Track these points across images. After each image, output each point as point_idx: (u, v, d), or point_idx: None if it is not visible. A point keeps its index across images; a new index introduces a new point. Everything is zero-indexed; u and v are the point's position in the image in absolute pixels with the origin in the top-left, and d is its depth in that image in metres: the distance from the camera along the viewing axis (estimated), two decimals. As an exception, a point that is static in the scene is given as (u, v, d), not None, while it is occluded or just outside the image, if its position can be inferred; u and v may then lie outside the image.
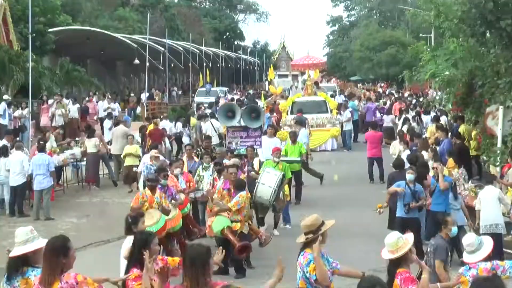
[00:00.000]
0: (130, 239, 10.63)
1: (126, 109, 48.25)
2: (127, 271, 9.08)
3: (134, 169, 24.14)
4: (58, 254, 7.91)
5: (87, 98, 44.90)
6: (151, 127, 30.27)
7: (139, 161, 25.13)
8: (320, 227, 9.60)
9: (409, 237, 9.31)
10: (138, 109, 48.25)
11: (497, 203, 17.08)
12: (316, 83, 48.85)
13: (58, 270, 7.83)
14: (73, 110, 39.00)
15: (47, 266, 7.94)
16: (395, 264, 9.01)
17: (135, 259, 8.97)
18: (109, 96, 46.50)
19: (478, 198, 17.38)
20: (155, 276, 8.81)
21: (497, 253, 16.00)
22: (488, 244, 9.49)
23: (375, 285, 6.92)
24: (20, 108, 35.20)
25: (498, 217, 16.97)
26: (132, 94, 55.47)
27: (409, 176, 17.46)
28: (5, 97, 35.24)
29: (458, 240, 13.82)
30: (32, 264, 8.42)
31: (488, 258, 9.62)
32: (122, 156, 26.67)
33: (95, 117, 40.67)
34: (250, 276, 15.45)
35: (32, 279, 8.26)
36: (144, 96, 52.40)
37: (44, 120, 36.26)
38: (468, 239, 9.53)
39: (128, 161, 25.89)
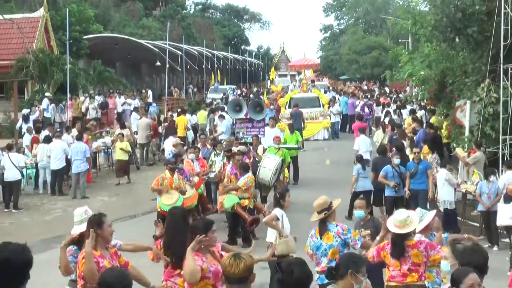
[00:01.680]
0: None
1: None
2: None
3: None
4: (93, 226, 7.85)
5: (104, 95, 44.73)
6: (183, 120, 30.45)
7: (129, 156, 25.50)
8: (331, 205, 9.59)
9: (415, 216, 9.19)
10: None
11: (446, 184, 17.44)
12: (313, 81, 48.72)
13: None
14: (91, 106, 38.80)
15: (86, 236, 7.89)
16: (401, 237, 8.86)
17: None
18: (126, 93, 46.31)
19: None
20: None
21: (450, 225, 16.15)
22: (428, 218, 9.42)
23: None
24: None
25: (445, 195, 17.39)
26: (143, 90, 54.97)
27: (396, 160, 17.63)
28: (47, 94, 35.27)
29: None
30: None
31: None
32: (113, 149, 26.24)
33: (115, 111, 40.53)
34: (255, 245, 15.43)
35: None
36: (150, 93, 52.32)
37: (68, 115, 36.05)
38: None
39: (119, 156, 25.23)
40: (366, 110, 39.69)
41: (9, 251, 5.02)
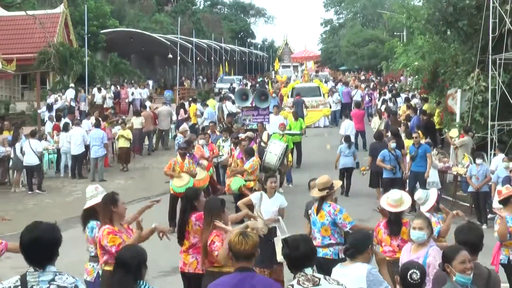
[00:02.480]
0: None
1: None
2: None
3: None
4: (108, 204, 7.89)
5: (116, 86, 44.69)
6: (194, 108, 30.45)
7: (130, 143, 25.37)
8: (333, 185, 9.59)
9: (407, 197, 9.20)
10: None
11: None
12: (317, 71, 48.59)
13: (108, 217, 7.80)
14: (98, 96, 38.80)
15: (101, 213, 7.98)
16: (396, 214, 8.88)
17: (187, 210, 8.76)
18: (141, 83, 46.25)
19: None
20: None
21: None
22: (433, 196, 9.37)
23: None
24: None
25: (431, 176, 17.60)
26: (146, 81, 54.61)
27: (393, 144, 17.65)
28: (72, 85, 35.46)
29: None
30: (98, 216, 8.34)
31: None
32: (116, 138, 25.96)
33: (126, 100, 40.53)
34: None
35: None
36: (151, 82, 52.21)
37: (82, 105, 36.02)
38: (417, 194, 9.42)
39: (121, 143, 25.03)
40: (367, 98, 39.59)
41: (40, 230, 5.05)
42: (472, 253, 6.17)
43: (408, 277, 5.72)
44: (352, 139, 22.44)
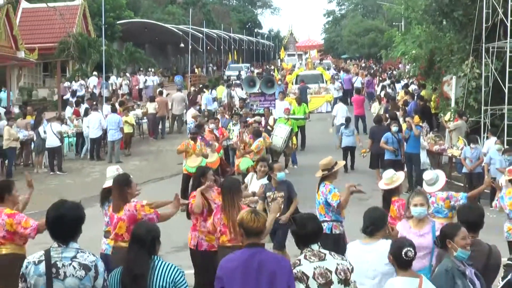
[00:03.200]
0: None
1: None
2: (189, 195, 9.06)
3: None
4: (123, 185, 7.86)
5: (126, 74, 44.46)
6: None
7: (133, 128, 25.46)
8: (334, 166, 9.59)
9: (401, 174, 9.25)
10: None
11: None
12: (321, 59, 48.39)
13: (123, 198, 7.75)
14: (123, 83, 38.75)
15: (116, 195, 7.90)
16: (389, 193, 8.93)
17: (196, 186, 8.89)
18: (154, 70, 46.22)
19: None
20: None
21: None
22: (442, 178, 9.32)
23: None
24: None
25: (422, 157, 17.92)
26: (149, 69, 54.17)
27: (394, 128, 17.64)
28: (95, 73, 35.56)
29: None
30: None
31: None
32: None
33: (136, 87, 40.50)
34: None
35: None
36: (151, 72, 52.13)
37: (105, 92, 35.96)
38: (428, 175, 9.38)
39: (125, 129, 24.15)
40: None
41: (65, 208, 5.09)
42: (473, 231, 6.24)
43: (403, 255, 5.62)
44: (343, 120, 22.59)
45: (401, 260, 5.67)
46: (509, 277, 5.09)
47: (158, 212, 7.74)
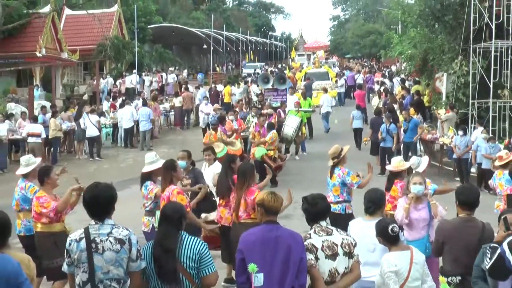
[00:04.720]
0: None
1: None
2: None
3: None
4: (169, 169, 7.94)
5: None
6: (228, 89, 30.32)
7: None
8: (341, 152, 9.56)
9: (407, 163, 9.18)
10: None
11: None
12: (327, 58, 48.17)
13: (169, 180, 7.87)
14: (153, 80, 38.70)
15: (163, 178, 8.01)
16: (394, 175, 8.92)
17: (225, 169, 8.94)
18: (175, 68, 46.13)
19: None
20: None
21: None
22: (424, 162, 9.26)
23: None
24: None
25: None
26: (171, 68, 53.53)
27: (387, 123, 17.75)
28: (135, 71, 35.68)
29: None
30: (153, 178, 8.45)
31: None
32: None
33: (159, 84, 40.39)
34: (280, 186, 15.38)
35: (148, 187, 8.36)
36: (186, 70, 51.75)
37: (123, 88, 35.86)
38: (411, 160, 9.33)
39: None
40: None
41: (99, 189, 5.10)
42: (470, 210, 6.30)
43: (390, 231, 5.69)
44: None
45: (389, 236, 5.76)
46: (498, 251, 4.99)
47: (188, 205, 7.77)
